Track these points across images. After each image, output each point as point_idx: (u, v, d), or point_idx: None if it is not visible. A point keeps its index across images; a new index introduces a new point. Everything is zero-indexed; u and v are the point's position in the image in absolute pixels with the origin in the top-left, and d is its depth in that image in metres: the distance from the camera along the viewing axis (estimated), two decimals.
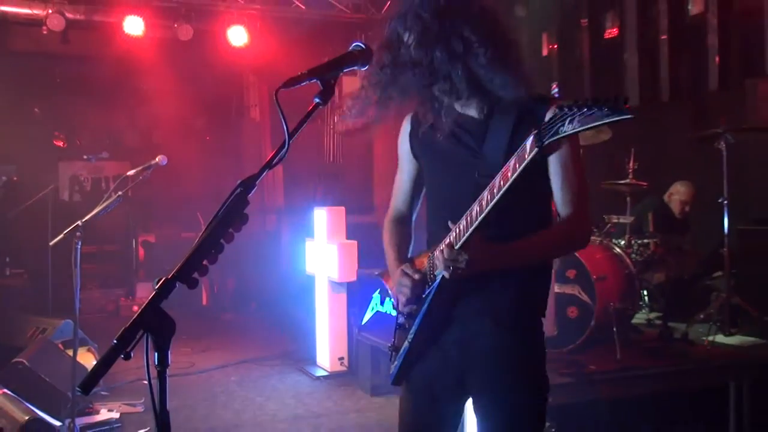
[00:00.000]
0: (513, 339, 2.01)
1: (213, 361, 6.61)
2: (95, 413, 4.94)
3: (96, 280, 9.62)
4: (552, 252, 2.16)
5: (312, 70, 1.57)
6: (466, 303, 2.02)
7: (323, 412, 5.21)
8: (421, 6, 1.91)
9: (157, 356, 1.32)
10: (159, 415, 1.33)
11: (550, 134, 1.63)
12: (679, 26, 6.91)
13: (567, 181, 1.99)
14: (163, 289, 1.34)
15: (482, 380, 2.03)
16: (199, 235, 1.40)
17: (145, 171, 4.62)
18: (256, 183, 1.46)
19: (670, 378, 4.36)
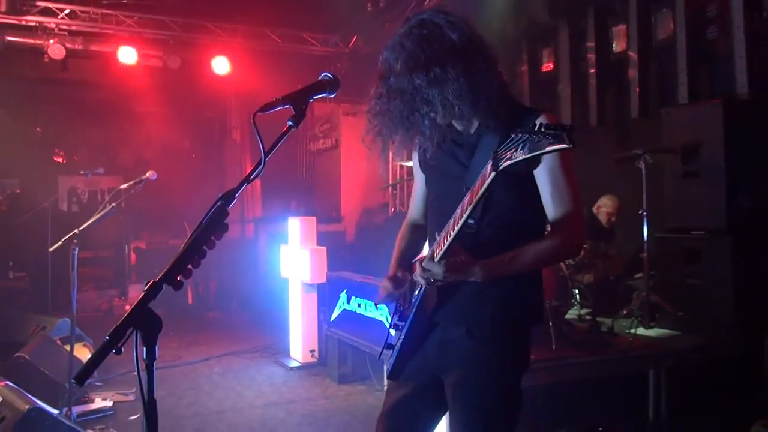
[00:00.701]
0: (486, 350, 1.91)
1: (198, 354, 6.53)
2: (90, 402, 4.84)
3: (92, 282, 9.46)
4: (539, 263, 1.94)
5: (285, 96, 1.56)
6: (447, 310, 1.95)
7: (296, 398, 5.17)
8: (406, 36, 1.87)
9: (146, 351, 1.30)
10: (147, 404, 1.31)
11: (505, 159, 1.56)
12: (604, 62, 7.02)
13: (557, 194, 1.87)
14: (151, 290, 1.33)
15: (455, 381, 1.95)
16: (184, 242, 1.39)
17: (137, 185, 4.58)
18: (236, 196, 1.45)
19: (598, 366, 4.40)
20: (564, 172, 1.87)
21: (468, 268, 1.78)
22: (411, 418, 2.05)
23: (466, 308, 1.93)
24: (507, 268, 1.83)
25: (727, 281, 4.86)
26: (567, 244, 1.90)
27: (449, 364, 1.96)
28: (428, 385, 2.02)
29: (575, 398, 4.36)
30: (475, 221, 1.81)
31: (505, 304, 1.92)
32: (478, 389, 1.91)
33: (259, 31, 9.03)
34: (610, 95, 7.00)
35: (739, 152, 4.99)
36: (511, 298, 1.93)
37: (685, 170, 5.19)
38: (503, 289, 1.90)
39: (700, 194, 5.08)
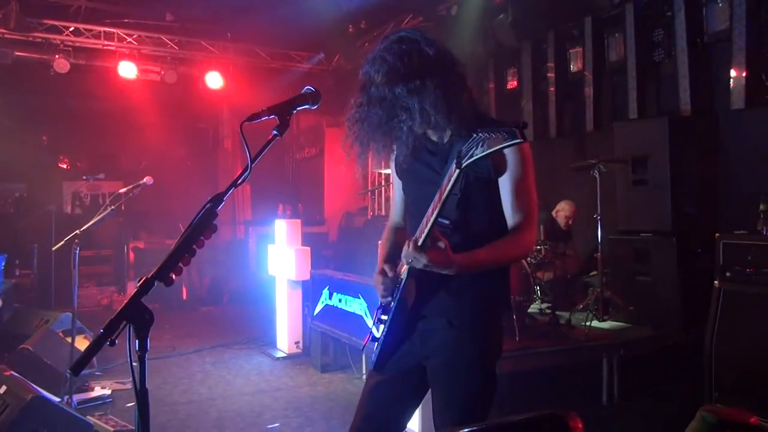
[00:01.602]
0: (463, 337, 1.91)
1: (191, 345, 6.43)
2: (90, 390, 4.74)
3: (93, 279, 9.30)
4: (504, 259, 1.93)
5: (270, 107, 1.54)
6: (429, 303, 1.94)
7: (282, 386, 5.11)
8: (387, 50, 1.85)
9: (138, 343, 1.26)
10: (139, 393, 1.27)
11: (467, 157, 1.57)
12: (563, 80, 7.08)
13: (517, 204, 1.88)
14: (143, 286, 1.29)
15: (436, 366, 1.95)
16: (176, 241, 1.35)
17: (135, 189, 4.51)
18: (224, 199, 1.42)
19: (557, 355, 4.42)
20: (526, 184, 1.88)
21: (447, 259, 1.74)
22: (391, 400, 2.03)
23: (447, 301, 1.92)
24: (475, 265, 1.83)
25: (673, 278, 4.92)
26: (520, 250, 1.94)
27: (431, 352, 1.95)
28: (410, 372, 2.00)
29: (536, 385, 4.37)
30: (450, 222, 1.80)
31: (481, 297, 1.93)
32: (458, 374, 1.91)
33: (249, 49, 8.97)
34: (568, 110, 7.06)
35: (683, 163, 5.06)
36: (487, 291, 1.94)
37: (634, 178, 5.24)
38: (480, 284, 1.91)
39: (648, 200, 5.13)
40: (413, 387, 2.03)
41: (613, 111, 6.47)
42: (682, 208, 5.02)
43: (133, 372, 1.26)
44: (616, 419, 4.30)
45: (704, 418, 1.99)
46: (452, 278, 1.85)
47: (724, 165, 5.30)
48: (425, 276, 1.87)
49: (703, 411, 2.03)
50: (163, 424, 4.20)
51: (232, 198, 11.28)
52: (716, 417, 1.96)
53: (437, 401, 1.96)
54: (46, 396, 3.55)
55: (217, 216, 1.39)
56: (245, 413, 4.45)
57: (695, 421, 2.02)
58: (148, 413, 1.28)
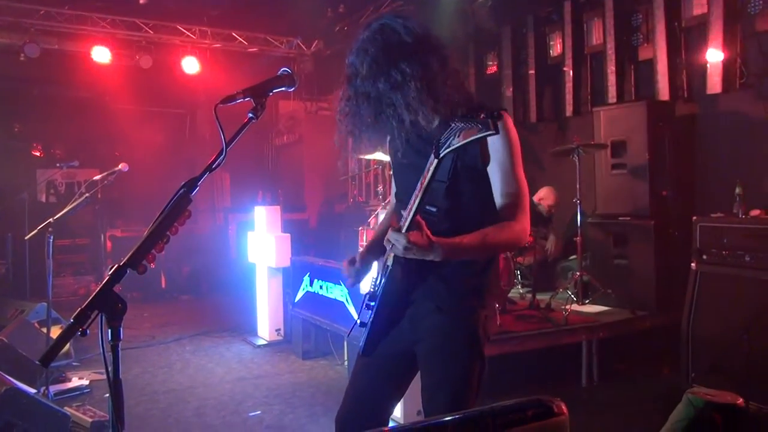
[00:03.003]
0: (452, 321, 1.90)
1: (170, 334, 6.37)
2: (67, 381, 4.66)
3: (69, 268, 9.13)
4: (493, 246, 1.83)
5: (246, 90, 1.50)
6: (418, 288, 1.94)
7: (263, 373, 5.09)
8: (369, 41, 1.82)
9: (111, 332, 1.23)
10: (113, 383, 1.23)
11: (445, 147, 1.54)
12: (542, 65, 7.08)
13: (504, 183, 1.83)
14: (115, 274, 1.25)
15: (426, 351, 1.94)
16: (148, 228, 1.32)
17: (110, 176, 4.44)
18: (198, 184, 1.38)
19: (538, 338, 4.46)
20: (513, 171, 1.84)
21: (428, 245, 1.66)
22: (380, 382, 2.04)
23: (435, 287, 1.92)
24: (460, 252, 1.76)
25: (650, 261, 4.98)
26: (515, 237, 1.82)
27: (421, 336, 1.95)
28: (399, 355, 2.00)
29: (517, 368, 4.40)
30: (437, 209, 1.78)
31: (470, 283, 1.92)
32: (447, 359, 1.91)
33: (226, 33, 8.83)
34: (548, 95, 7.07)
35: (660, 147, 5.10)
36: (475, 277, 1.93)
37: (613, 163, 5.27)
38: (468, 270, 1.90)
39: (627, 184, 5.17)
40: (402, 370, 2.03)
41: (592, 96, 6.49)
42: (660, 192, 5.06)
43: (106, 362, 1.22)
44: (595, 401, 4.35)
45: (691, 402, 2.01)
46: (441, 265, 1.82)
47: (701, 149, 5.36)
48: (412, 263, 1.84)
49: (690, 394, 2.05)
50: (142, 414, 4.16)
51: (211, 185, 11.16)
52: (703, 400, 1.98)
53: (426, 385, 1.95)
54: (22, 388, 3.49)
55: (191, 201, 1.35)
56: (226, 401, 4.42)
57: (682, 405, 2.04)
58: (123, 404, 1.24)
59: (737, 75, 5.03)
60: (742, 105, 5.00)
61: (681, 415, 2.00)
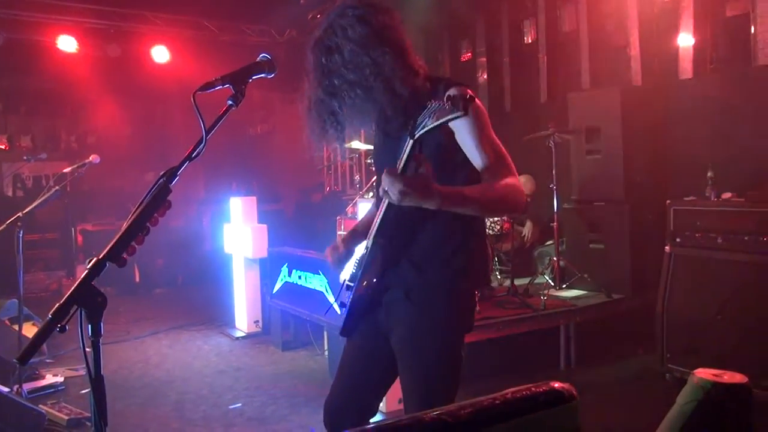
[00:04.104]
0: (422, 313, 1.86)
1: (146, 329, 6.28)
2: (41, 378, 4.57)
3: (40, 264, 8.96)
4: (495, 200, 1.70)
5: (225, 76, 1.47)
6: (391, 274, 1.90)
7: (242, 366, 5.05)
8: (327, 35, 1.80)
9: (91, 328, 1.19)
10: (94, 380, 1.20)
11: (419, 128, 1.51)
12: (517, 51, 7.10)
13: (481, 146, 1.76)
14: (94, 268, 1.22)
15: (397, 341, 1.92)
16: (127, 219, 1.28)
17: (80, 168, 4.33)
18: (178, 174, 1.35)
19: (517, 323, 4.49)
20: (486, 134, 1.78)
21: (427, 186, 1.55)
22: (368, 369, 2.04)
23: (407, 273, 1.88)
24: (460, 201, 1.64)
25: (625, 245, 5.04)
26: (511, 192, 1.72)
27: (392, 325, 1.93)
28: (383, 342, 1.98)
29: (497, 353, 4.44)
30: None
31: (442, 270, 1.87)
32: (416, 350, 1.88)
33: (197, 22, 8.66)
34: (522, 82, 7.09)
35: (634, 132, 5.15)
36: (449, 263, 1.86)
37: (588, 148, 5.32)
38: (441, 253, 1.86)
39: (601, 169, 5.22)
40: (387, 358, 1.99)
41: (567, 82, 6.53)
42: (634, 177, 5.13)
43: (87, 358, 1.19)
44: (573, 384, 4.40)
45: (699, 383, 2.02)
46: (414, 248, 1.84)
47: (674, 133, 5.43)
48: (390, 244, 1.85)
49: (695, 374, 2.06)
50: (120, 411, 4.10)
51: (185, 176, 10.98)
52: (711, 381, 2.00)
53: (402, 379, 1.94)
54: None
55: (170, 192, 1.32)
56: (206, 395, 4.39)
57: (688, 386, 2.05)
58: (105, 400, 1.22)
59: (708, 60, 5.11)
60: (712, 89, 5.07)
61: (689, 397, 2.01)
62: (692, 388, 2.02)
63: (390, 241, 1.87)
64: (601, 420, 3.63)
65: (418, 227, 1.87)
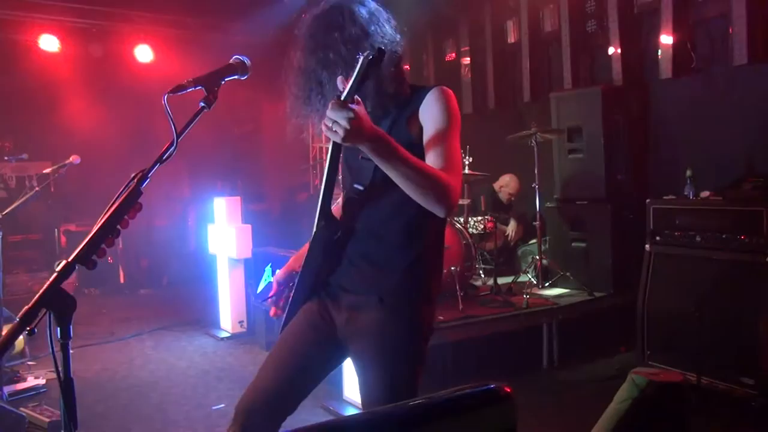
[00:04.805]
0: (395, 317, 1.82)
1: (130, 329, 6.23)
2: (22, 381, 4.52)
3: (22, 265, 8.83)
4: (420, 178, 1.61)
5: (197, 78, 1.46)
6: (357, 277, 1.86)
7: (227, 366, 5.03)
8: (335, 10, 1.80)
9: (60, 330, 1.19)
10: (63, 383, 1.20)
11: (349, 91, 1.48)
12: (500, 52, 7.13)
13: (437, 151, 1.72)
14: (63, 270, 1.21)
15: (362, 347, 1.86)
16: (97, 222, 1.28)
17: (61, 169, 4.30)
18: (149, 175, 1.35)
19: (500, 322, 4.51)
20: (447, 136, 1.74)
21: (371, 124, 1.51)
22: (295, 370, 1.94)
23: (377, 277, 1.84)
24: (392, 152, 1.57)
25: (607, 243, 5.09)
26: (444, 184, 1.64)
27: (358, 328, 1.86)
28: (325, 345, 1.93)
29: (480, 352, 4.46)
30: (363, 188, 1.76)
31: (413, 273, 1.84)
32: (385, 356, 1.83)
33: (180, 20, 8.61)
34: (506, 82, 7.12)
35: (615, 132, 5.21)
36: (418, 267, 1.84)
37: (570, 148, 5.36)
38: (409, 257, 1.83)
39: (583, 169, 5.26)
40: (324, 360, 1.96)
41: (549, 82, 6.57)
42: (615, 176, 5.17)
43: (56, 361, 1.18)
44: (556, 382, 4.44)
45: (634, 381, 2.07)
46: (384, 251, 1.81)
47: (654, 133, 5.49)
48: (338, 241, 1.83)
49: (633, 374, 2.11)
50: (103, 412, 4.07)
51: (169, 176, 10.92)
52: (646, 379, 2.04)
53: (363, 382, 1.88)
54: None
55: (141, 194, 1.31)
56: (189, 395, 4.37)
57: (626, 384, 2.10)
58: (75, 403, 1.21)
59: (688, 59, 5.16)
60: (692, 89, 5.13)
61: (625, 395, 2.06)
62: (629, 386, 2.06)
63: (331, 236, 1.81)
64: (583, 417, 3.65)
65: (381, 228, 1.84)
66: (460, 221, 5.18)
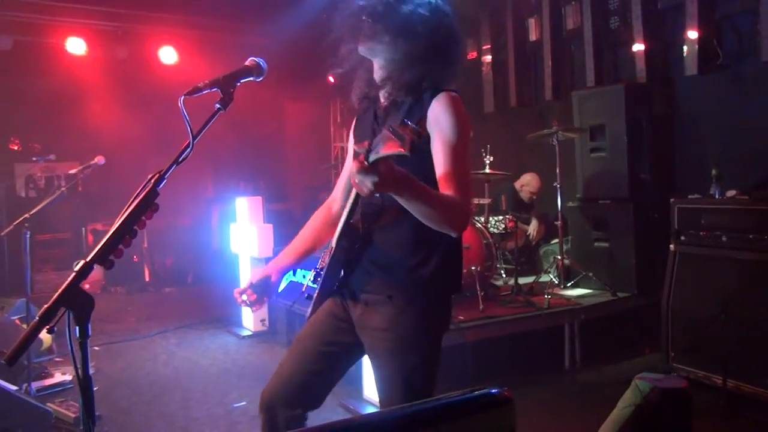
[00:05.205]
0: (405, 315, 1.88)
1: (155, 327, 6.32)
2: (50, 377, 4.62)
3: (51, 263, 9.02)
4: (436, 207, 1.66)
5: (212, 81, 1.48)
6: (369, 278, 1.93)
7: (248, 364, 5.08)
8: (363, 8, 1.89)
9: (78, 329, 1.21)
10: (82, 380, 1.22)
11: (373, 152, 1.46)
12: (521, 50, 7.07)
13: (447, 164, 1.75)
14: (81, 270, 1.23)
15: (375, 343, 1.93)
16: (115, 222, 1.30)
17: (86, 170, 4.38)
18: (166, 177, 1.36)
19: (521, 322, 4.48)
20: (455, 149, 1.76)
21: (395, 172, 1.51)
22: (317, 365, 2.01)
23: (386, 277, 1.90)
24: (419, 195, 1.61)
25: (630, 243, 5.02)
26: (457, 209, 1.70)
27: (370, 322, 1.93)
28: (345, 341, 2.01)
29: (501, 353, 4.43)
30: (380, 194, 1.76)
31: (419, 274, 1.88)
32: (397, 352, 1.89)
33: (205, 22, 8.70)
34: (527, 79, 7.07)
35: (639, 130, 5.13)
36: (427, 266, 1.88)
37: (592, 146, 5.30)
38: (416, 258, 1.87)
39: (606, 167, 5.20)
40: (343, 356, 2.03)
41: (571, 79, 6.50)
42: (639, 175, 5.10)
43: (75, 360, 1.20)
44: (578, 383, 4.39)
45: (638, 386, 2.04)
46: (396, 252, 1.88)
47: (679, 131, 5.39)
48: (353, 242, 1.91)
49: (637, 379, 2.08)
50: (127, 408, 4.14)
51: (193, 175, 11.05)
52: (650, 385, 2.01)
53: (378, 378, 1.95)
54: (2, 385, 3.45)
55: (158, 195, 1.33)
56: (211, 393, 4.41)
57: (629, 390, 2.07)
58: (93, 400, 1.23)
59: (713, 56, 5.06)
60: (718, 86, 5.03)
61: (628, 401, 2.03)
62: (632, 392, 2.04)
63: (352, 246, 1.92)
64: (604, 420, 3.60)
65: (392, 233, 1.90)
66: (481, 220, 5.15)
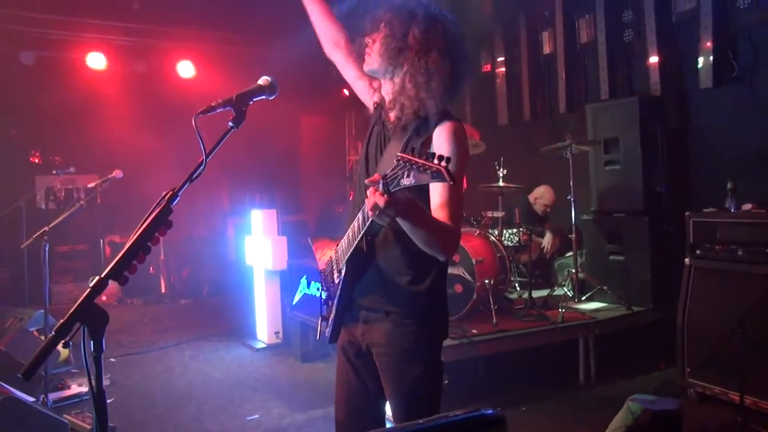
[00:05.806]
0: (402, 329, 1.93)
1: (170, 339, 6.37)
2: (66, 388, 4.67)
3: (69, 275, 9.14)
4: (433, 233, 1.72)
5: (225, 100, 1.51)
6: (368, 295, 1.98)
7: (262, 376, 5.10)
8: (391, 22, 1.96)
9: (93, 344, 1.24)
10: (96, 394, 1.24)
11: (394, 184, 1.48)
12: (535, 63, 7.08)
13: (444, 196, 1.79)
14: (96, 286, 1.26)
15: (378, 359, 1.98)
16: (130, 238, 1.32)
17: (104, 183, 4.46)
18: (179, 194, 1.39)
19: (534, 337, 4.46)
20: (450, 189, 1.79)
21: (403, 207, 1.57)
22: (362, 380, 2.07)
23: (383, 294, 1.95)
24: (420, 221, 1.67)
25: (645, 257, 4.98)
26: (450, 238, 1.78)
27: (371, 339, 1.99)
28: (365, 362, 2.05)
29: (514, 366, 4.41)
30: None
31: (414, 290, 1.92)
32: (396, 366, 1.94)
33: (222, 36, 8.82)
34: (541, 92, 7.07)
35: (653, 143, 5.10)
36: (422, 283, 1.93)
37: (606, 159, 5.28)
38: (410, 275, 1.92)
39: (620, 180, 5.17)
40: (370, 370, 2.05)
41: (585, 92, 6.49)
42: (653, 188, 5.06)
43: (89, 374, 1.23)
44: (592, 398, 4.35)
45: (629, 408, 2.04)
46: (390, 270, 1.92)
47: (694, 144, 5.36)
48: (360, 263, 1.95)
49: (630, 401, 2.08)
50: (141, 419, 4.17)
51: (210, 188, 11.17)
52: (641, 406, 2.01)
53: (386, 392, 2.00)
54: (20, 396, 3.50)
55: (171, 212, 1.36)
56: (225, 405, 4.43)
57: (622, 411, 2.06)
58: (106, 414, 1.25)
59: (728, 69, 5.03)
60: (733, 99, 5.00)
61: (619, 422, 2.02)
62: (624, 413, 2.03)
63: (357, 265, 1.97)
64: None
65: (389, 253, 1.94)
66: (495, 233, 5.14)
